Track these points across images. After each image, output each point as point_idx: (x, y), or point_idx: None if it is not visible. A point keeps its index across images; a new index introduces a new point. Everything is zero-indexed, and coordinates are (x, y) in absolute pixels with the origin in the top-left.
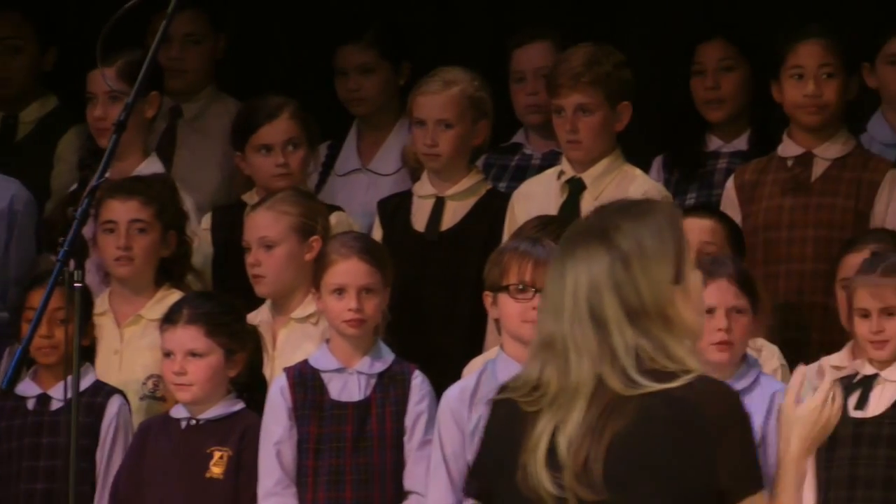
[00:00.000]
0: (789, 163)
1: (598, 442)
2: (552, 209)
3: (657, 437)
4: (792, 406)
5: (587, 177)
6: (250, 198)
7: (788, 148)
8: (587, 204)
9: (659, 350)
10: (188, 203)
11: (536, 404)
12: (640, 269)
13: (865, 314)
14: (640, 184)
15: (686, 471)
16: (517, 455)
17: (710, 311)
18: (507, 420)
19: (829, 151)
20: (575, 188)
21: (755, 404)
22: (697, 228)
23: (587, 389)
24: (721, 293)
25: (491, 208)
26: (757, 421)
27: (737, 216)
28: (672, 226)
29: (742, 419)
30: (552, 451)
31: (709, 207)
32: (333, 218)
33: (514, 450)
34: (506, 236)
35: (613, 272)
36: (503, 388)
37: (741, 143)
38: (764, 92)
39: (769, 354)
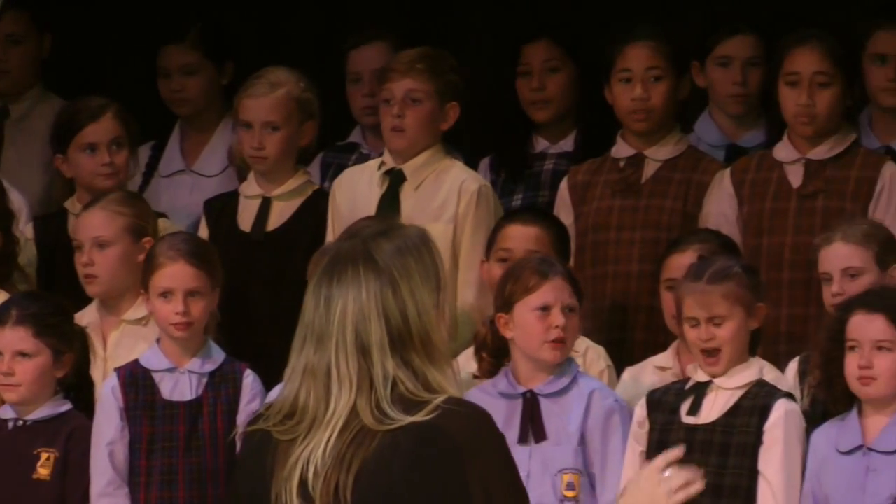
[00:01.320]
0: (621, 164)
1: (347, 472)
2: (373, 199)
3: (404, 466)
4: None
5: (407, 168)
6: (72, 204)
7: (621, 149)
8: (407, 195)
9: (419, 382)
10: (16, 202)
11: (291, 433)
12: (408, 293)
13: (695, 323)
14: (457, 173)
15: (438, 498)
16: (269, 486)
17: (546, 309)
18: (262, 450)
19: (660, 153)
20: (395, 179)
21: (574, 403)
22: (522, 236)
23: (341, 420)
24: (557, 291)
25: (317, 209)
26: (576, 420)
27: (569, 217)
28: (429, 250)
29: (493, 439)
30: (304, 481)
31: (534, 212)
32: (159, 224)
33: (267, 480)
34: (329, 225)
35: (383, 297)
36: (256, 418)
37: (567, 145)
38: (589, 93)
39: (595, 356)
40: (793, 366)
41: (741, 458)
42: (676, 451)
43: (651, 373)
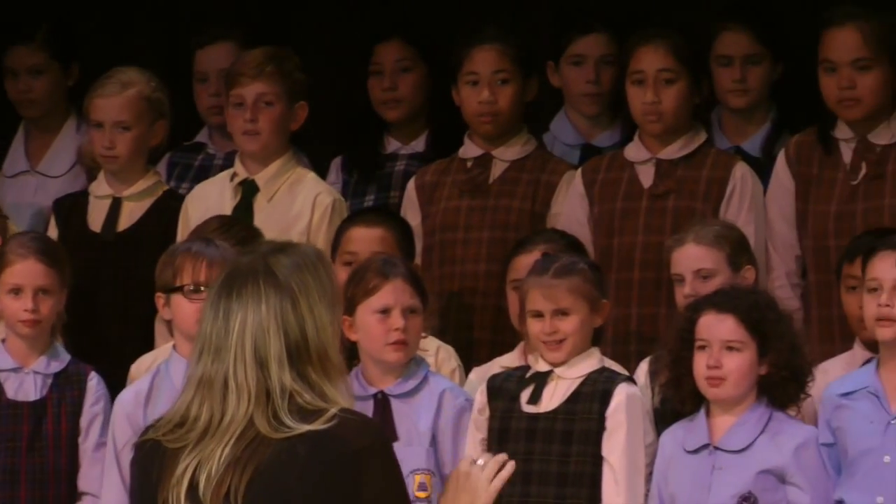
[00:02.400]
0: (469, 164)
1: (240, 476)
2: (225, 210)
3: (299, 472)
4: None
5: (260, 178)
6: None
7: (468, 149)
8: (260, 207)
9: (315, 394)
10: None
11: (181, 441)
12: (307, 308)
13: (538, 315)
14: (311, 185)
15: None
16: (157, 494)
17: (386, 311)
18: (149, 459)
19: (507, 153)
20: (248, 190)
21: (424, 403)
22: (367, 238)
23: (238, 429)
24: (397, 293)
25: (168, 209)
26: (427, 420)
27: (417, 217)
28: (325, 266)
29: (383, 449)
30: (194, 487)
31: (378, 213)
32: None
33: (154, 488)
34: (178, 237)
35: (282, 311)
36: (147, 429)
37: (419, 145)
38: (441, 93)
39: (446, 356)
40: (643, 366)
41: (584, 444)
42: (488, 457)
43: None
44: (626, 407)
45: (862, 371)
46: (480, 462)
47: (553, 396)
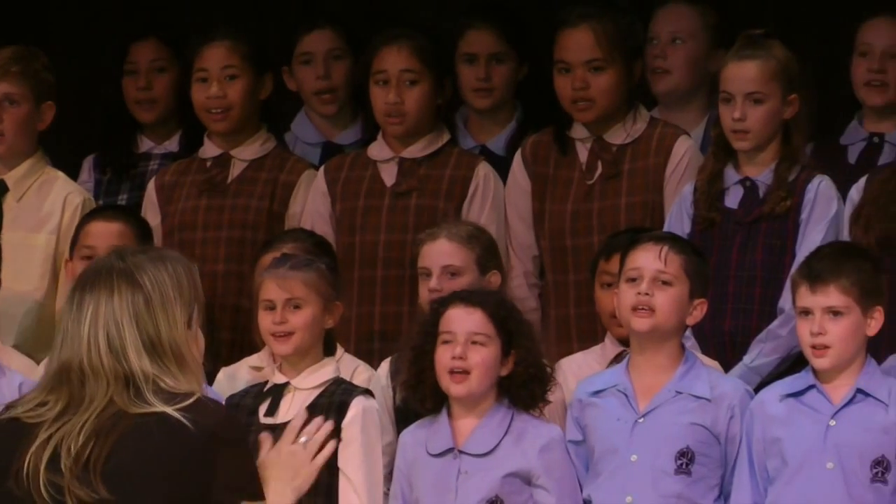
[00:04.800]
0: (208, 164)
1: (101, 447)
2: None
3: (155, 451)
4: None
5: (9, 178)
6: None
7: (208, 149)
8: (9, 207)
9: (173, 380)
10: None
11: (41, 417)
12: (160, 305)
13: (271, 306)
14: (62, 186)
15: (181, 481)
16: (12, 464)
17: None
18: (4, 434)
19: (245, 153)
20: None
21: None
22: (105, 233)
23: (99, 406)
24: None
25: None
26: None
27: (157, 217)
28: (186, 270)
29: (238, 436)
30: (55, 456)
31: (117, 208)
32: None
33: (8, 461)
34: None
35: (134, 305)
36: (7, 408)
37: (172, 145)
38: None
39: None
40: (385, 365)
41: None
42: (301, 418)
43: (246, 372)
44: (362, 419)
45: (612, 370)
46: (303, 440)
47: (290, 408)
